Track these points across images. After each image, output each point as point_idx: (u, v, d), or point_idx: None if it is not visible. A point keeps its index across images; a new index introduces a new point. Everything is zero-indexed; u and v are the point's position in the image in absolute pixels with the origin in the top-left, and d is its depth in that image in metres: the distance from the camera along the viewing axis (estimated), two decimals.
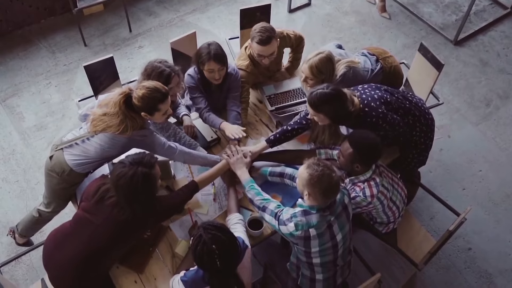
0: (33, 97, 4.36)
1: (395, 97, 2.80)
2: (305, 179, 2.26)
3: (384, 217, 2.76)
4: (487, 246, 3.52)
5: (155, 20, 5.05)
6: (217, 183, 2.85)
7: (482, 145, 4.12)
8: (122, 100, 2.50)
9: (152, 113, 2.54)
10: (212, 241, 2.02)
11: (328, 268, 2.44)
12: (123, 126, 2.50)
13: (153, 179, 2.30)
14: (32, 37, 4.83)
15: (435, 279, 3.35)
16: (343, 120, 2.75)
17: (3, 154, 3.97)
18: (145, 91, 2.49)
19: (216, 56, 2.87)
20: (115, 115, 2.51)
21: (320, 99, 2.58)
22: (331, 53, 2.93)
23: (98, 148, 2.59)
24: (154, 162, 2.33)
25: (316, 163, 2.27)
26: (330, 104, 2.59)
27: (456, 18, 5.14)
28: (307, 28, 5.00)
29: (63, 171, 2.66)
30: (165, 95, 2.54)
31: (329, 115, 2.64)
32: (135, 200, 2.28)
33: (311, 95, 2.62)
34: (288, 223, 2.32)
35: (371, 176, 2.59)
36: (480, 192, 3.81)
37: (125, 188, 2.24)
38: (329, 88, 2.59)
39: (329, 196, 2.30)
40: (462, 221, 2.77)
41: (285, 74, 3.45)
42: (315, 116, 2.67)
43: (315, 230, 2.29)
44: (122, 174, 2.23)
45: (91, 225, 2.34)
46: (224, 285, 2.13)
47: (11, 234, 3.26)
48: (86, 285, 2.43)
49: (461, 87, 4.56)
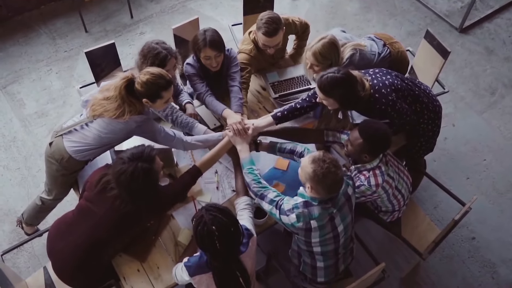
0: (33, 83, 4.32)
1: (405, 83, 2.76)
2: (308, 173, 2.21)
3: (389, 206, 2.73)
4: (491, 235, 3.51)
5: (156, 6, 4.98)
6: (220, 171, 2.83)
7: (487, 134, 4.09)
8: (124, 85, 2.47)
9: (154, 100, 2.51)
10: (212, 222, 2.01)
11: (330, 256, 2.42)
12: (120, 111, 2.47)
13: (154, 173, 2.27)
14: (32, 23, 4.77)
15: (438, 268, 3.34)
16: (352, 105, 2.69)
17: (4, 141, 3.94)
18: (149, 77, 2.46)
19: (211, 42, 2.82)
20: (114, 99, 2.49)
21: (331, 83, 2.52)
22: (334, 37, 2.85)
23: (96, 134, 2.57)
24: (154, 155, 2.29)
25: (322, 159, 2.20)
26: (340, 88, 2.53)
27: (462, 5, 5.07)
28: (311, 15, 4.94)
29: (62, 158, 2.64)
30: (169, 82, 2.51)
31: (339, 99, 2.58)
32: (137, 195, 2.26)
33: (321, 79, 2.55)
34: (289, 213, 2.28)
35: (377, 165, 2.56)
36: (484, 182, 3.79)
37: (126, 184, 2.21)
38: (339, 72, 2.53)
39: (332, 192, 2.26)
40: (467, 210, 2.76)
41: (289, 61, 3.41)
42: (324, 100, 2.61)
43: (316, 222, 2.26)
44: (122, 170, 2.20)
45: (94, 215, 2.32)
46: (226, 270, 2.12)
47: (19, 224, 3.26)
48: (89, 273, 2.43)
49: (466, 75, 4.51)
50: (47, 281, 2.66)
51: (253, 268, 2.29)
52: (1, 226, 3.46)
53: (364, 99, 2.62)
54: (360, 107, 2.71)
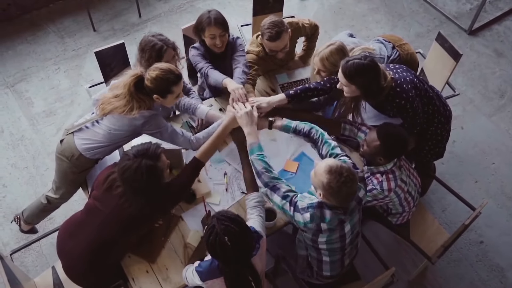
0: (41, 82, 4.32)
1: (421, 83, 2.74)
2: (322, 183, 2.14)
3: (399, 208, 2.73)
4: (499, 239, 3.49)
5: (165, 6, 4.98)
6: (229, 172, 2.82)
7: (496, 137, 4.06)
8: (133, 82, 2.48)
9: (165, 96, 2.52)
10: (224, 233, 1.98)
11: (335, 252, 2.41)
12: (129, 107, 2.48)
13: (158, 171, 2.25)
14: (41, 21, 4.78)
15: (446, 271, 3.33)
16: (373, 95, 2.60)
17: (12, 139, 3.95)
18: (158, 72, 2.46)
19: (216, 20, 2.86)
20: (123, 97, 2.49)
21: (356, 69, 2.45)
22: (343, 44, 2.83)
23: (106, 130, 2.58)
24: (159, 153, 2.27)
25: (339, 171, 2.11)
26: (365, 76, 2.46)
27: (471, 7, 5.04)
28: (319, 16, 4.92)
29: (72, 155, 2.65)
30: (178, 77, 2.52)
31: (361, 87, 2.51)
32: (140, 192, 2.24)
33: (346, 63, 2.48)
34: (303, 212, 2.24)
35: (391, 169, 2.55)
36: (492, 185, 3.77)
37: (130, 181, 2.21)
38: (366, 59, 2.47)
39: (344, 204, 2.22)
40: (477, 215, 2.74)
41: (298, 63, 3.40)
42: (345, 86, 2.54)
43: (326, 225, 2.25)
44: (127, 167, 2.19)
45: (101, 214, 2.32)
46: (238, 275, 2.11)
47: (17, 220, 3.24)
48: (98, 273, 2.43)
49: (475, 77, 4.48)
50: (56, 281, 2.66)
51: (263, 269, 2.28)
52: (9, 224, 3.45)
53: (385, 91, 2.55)
54: (380, 99, 2.63)
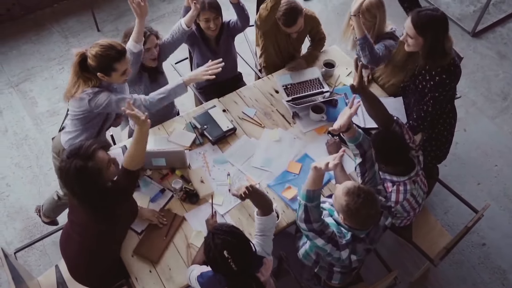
0: (45, 82, 4.34)
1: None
2: (341, 205, 2.10)
3: (404, 214, 2.72)
4: (502, 241, 3.49)
5: (168, 6, 4.99)
6: (232, 173, 2.82)
7: (498, 140, 4.07)
8: (78, 61, 2.42)
9: (108, 73, 2.42)
10: (222, 247, 1.95)
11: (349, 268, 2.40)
12: (75, 87, 2.44)
13: (90, 171, 2.06)
14: (45, 21, 4.80)
15: (448, 273, 3.33)
16: (437, 54, 2.48)
17: (16, 139, 3.96)
18: (98, 49, 2.37)
19: (210, 4, 3.04)
20: (71, 78, 2.46)
21: (429, 20, 2.37)
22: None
23: (73, 116, 2.59)
24: (92, 151, 2.08)
25: (356, 193, 2.05)
26: (437, 29, 2.37)
27: (474, 9, 5.04)
28: (323, 17, 4.88)
29: (59, 151, 2.71)
30: (121, 52, 2.40)
31: (429, 41, 2.41)
32: (75, 193, 2.12)
33: (419, 13, 2.40)
34: (342, 249, 2.18)
35: (404, 181, 2.51)
36: (495, 187, 3.77)
37: (67, 184, 2.12)
38: (439, 12, 2.38)
39: (365, 227, 2.18)
40: (479, 217, 2.74)
41: (302, 63, 3.39)
42: (411, 38, 2.45)
43: (356, 256, 2.23)
44: (61, 169, 2.10)
45: (77, 224, 2.32)
46: (243, 286, 2.08)
47: (37, 212, 3.30)
48: (100, 272, 2.45)
49: (478, 79, 4.48)
50: (59, 280, 2.67)
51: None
52: (12, 223, 3.47)
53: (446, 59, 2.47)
54: (439, 62, 2.51)
